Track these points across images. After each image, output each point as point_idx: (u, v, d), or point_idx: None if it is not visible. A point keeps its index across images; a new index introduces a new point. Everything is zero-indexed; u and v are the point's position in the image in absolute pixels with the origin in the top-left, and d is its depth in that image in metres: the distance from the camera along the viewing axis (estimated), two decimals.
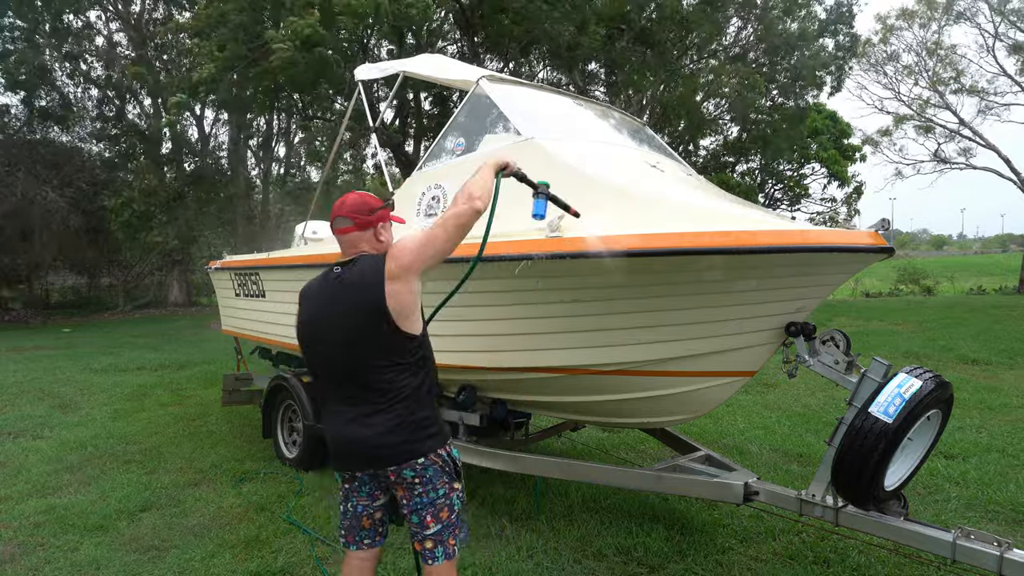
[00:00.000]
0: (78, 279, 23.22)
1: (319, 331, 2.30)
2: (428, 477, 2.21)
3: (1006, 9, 21.01)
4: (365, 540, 2.35)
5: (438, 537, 2.22)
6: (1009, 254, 50.73)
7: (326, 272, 2.35)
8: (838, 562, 3.42)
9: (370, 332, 2.17)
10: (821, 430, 5.72)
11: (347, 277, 2.24)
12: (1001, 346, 9.97)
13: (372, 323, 2.16)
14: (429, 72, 4.93)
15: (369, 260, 2.24)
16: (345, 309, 2.21)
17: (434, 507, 2.22)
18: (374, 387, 2.18)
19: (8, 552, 3.61)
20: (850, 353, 2.86)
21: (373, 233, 2.31)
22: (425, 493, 2.21)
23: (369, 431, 2.18)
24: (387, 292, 2.14)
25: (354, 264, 2.26)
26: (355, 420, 2.21)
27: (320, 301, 2.30)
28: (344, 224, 2.30)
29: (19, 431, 6.24)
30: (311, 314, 2.33)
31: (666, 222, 2.87)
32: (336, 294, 2.25)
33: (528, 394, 3.73)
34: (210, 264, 6.84)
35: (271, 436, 5.42)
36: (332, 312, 2.25)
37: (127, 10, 20.82)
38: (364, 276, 2.20)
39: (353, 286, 2.21)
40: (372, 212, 2.30)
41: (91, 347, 12.53)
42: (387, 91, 13.40)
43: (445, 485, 2.24)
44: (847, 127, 27.66)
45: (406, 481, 2.21)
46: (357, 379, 2.21)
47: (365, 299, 2.16)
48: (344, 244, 2.34)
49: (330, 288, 2.28)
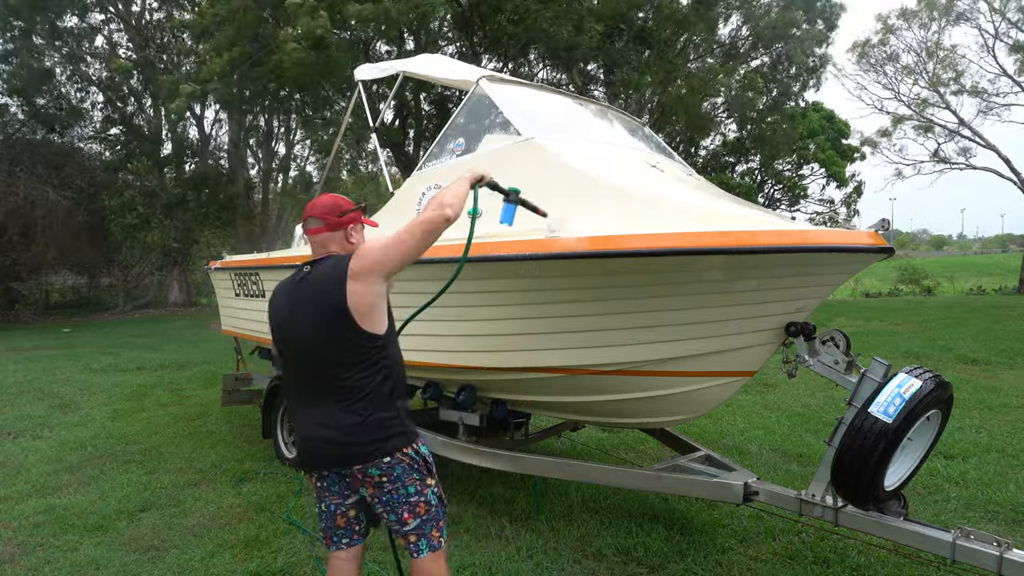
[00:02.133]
0: (78, 279, 23.20)
1: (284, 330, 2.34)
2: (396, 475, 2.22)
3: (1007, 8, 21.02)
4: (343, 539, 2.37)
5: (419, 531, 2.24)
6: (1009, 254, 50.74)
7: (295, 271, 2.37)
8: (838, 562, 3.42)
9: (332, 331, 2.18)
10: (821, 430, 5.72)
11: (312, 276, 2.27)
12: (1001, 346, 9.97)
13: (333, 322, 2.17)
14: (429, 72, 4.93)
15: (333, 260, 2.26)
16: (308, 307, 2.24)
17: (408, 504, 2.23)
18: (337, 386, 2.19)
19: (8, 552, 3.61)
20: (850, 353, 2.86)
21: (343, 234, 2.33)
22: (395, 491, 2.22)
23: (332, 431, 2.20)
24: (348, 290, 2.15)
25: (321, 263, 2.28)
26: (318, 419, 2.23)
27: (286, 300, 2.34)
28: (314, 224, 2.33)
29: (19, 431, 6.24)
30: (278, 313, 2.37)
31: (666, 222, 2.87)
32: (301, 293, 2.28)
33: (528, 394, 3.73)
34: (209, 264, 6.84)
35: (271, 436, 5.42)
36: (296, 311, 2.28)
37: (127, 10, 20.81)
38: (327, 275, 2.22)
39: (316, 284, 2.24)
40: (343, 214, 2.33)
41: (91, 347, 12.52)
42: (387, 91, 13.40)
43: (416, 482, 2.25)
44: (844, 125, 27.67)
45: (373, 480, 2.22)
46: (320, 377, 2.22)
47: (327, 297, 2.18)
48: (314, 244, 2.36)
49: (296, 287, 2.31)
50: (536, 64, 20.12)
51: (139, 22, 20.94)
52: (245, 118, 20.39)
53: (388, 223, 4.44)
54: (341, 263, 2.21)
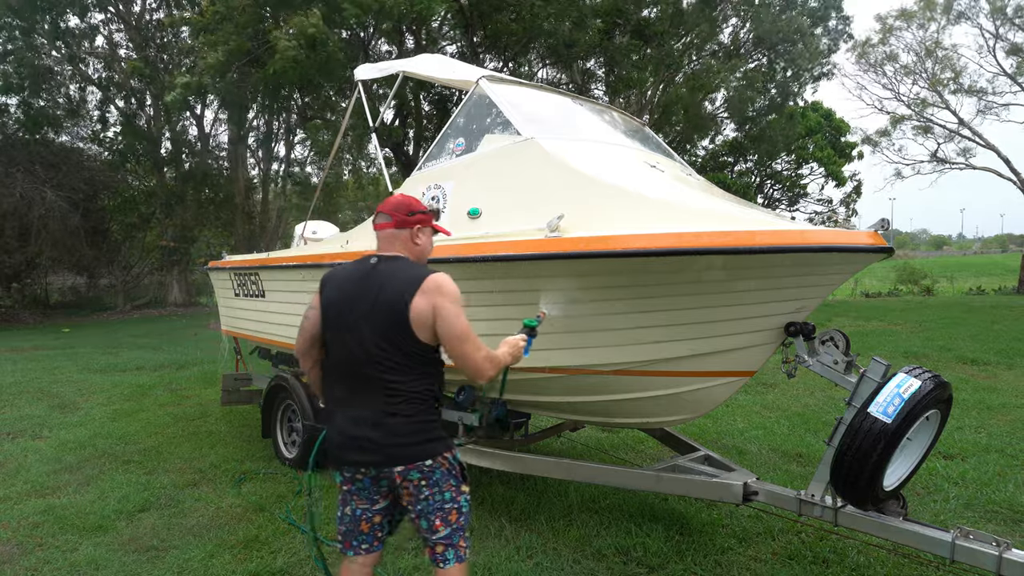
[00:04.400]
0: (78, 279, 23.18)
1: (338, 319, 2.28)
2: (435, 480, 2.21)
3: (1007, 11, 21.01)
4: (363, 545, 2.32)
5: (448, 540, 2.22)
6: (1008, 254, 50.80)
7: (360, 261, 2.34)
8: (837, 562, 3.43)
9: (390, 332, 2.17)
10: (820, 430, 5.73)
11: (384, 271, 2.25)
12: (1000, 346, 9.98)
13: (393, 326, 2.16)
14: (429, 72, 4.93)
15: (408, 264, 2.28)
16: (370, 303, 2.21)
17: (443, 510, 2.21)
18: (388, 386, 2.18)
19: (7, 552, 3.61)
20: (849, 353, 2.86)
21: (410, 234, 2.34)
22: (432, 496, 2.20)
23: (377, 431, 2.18)
24: (414, 303, 2.15)
25: (393, 261, 2.28)
26: (362, 417, 2.20)
27: (347, 289, 2.29)
28: (383, 220, 2.35)
29: (18, 431, 6.23)
30: (334, 301, 2.31)
31: (666, 222, 2.87)
32: (366, 285, 2.25)
33: (528, 394, 3.73)
34: (210, 264, 6.84)
35: (270, 436, 5.42)
36: (356, 303, 2.24)
37: (128, 10, 20.80)
38: (399, 278, 2.21)
39: (385, 283, 2.22)
40: (412, 214, 2.34)
41: (90, 347, 12.52)
42: (387, 91, 13.41)
43: (452, 488, 2.24)
44: (842, 123, 27.68)
45: (412, 483, 2.20)
46: (369, 374, 2.20)
47: (394, 301, 2.17)
48: (380, 239, 2.36)
49: (360, 279, 2.28)
50: (536, 63, 20.12)
51: (139, 22, 20.93)
52: (245, 116, 20.37)
53: None
54: (419, 273, 2.21)
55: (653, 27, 18.28)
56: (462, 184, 3.84)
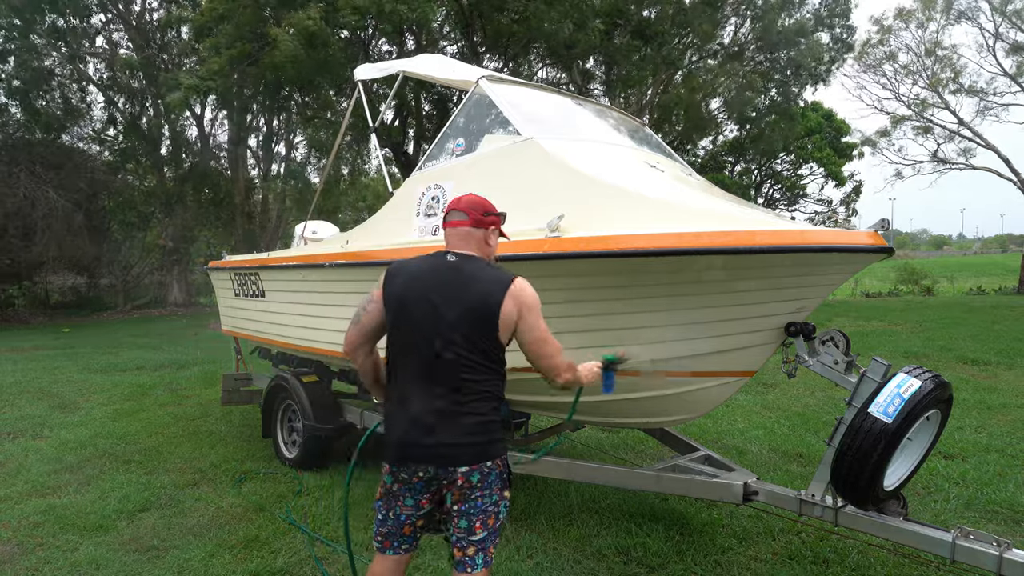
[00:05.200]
0: (78, 279, 23.17)
1: (410, 312, 2.23)
2: (489, 482, 2.20)
3: (1008, 11, 21.00)
4: (403, 546, 2.30)
5: (481, 544, 2.20)
6: (1008, 254, 50.79)
7: (433, 257, 2.30)
8: (837, 562, 3.43)
9: (477, 331, 2.16)
10: (820, 430, 5.73)
11: (467, 270, 2.24)
12: (1000, 346, 9.98)
13: (481, 322, 2.16)
14: (429, 72, 4.93)
15: (487, 265, 2.29)
16: (452, 299, 2.18)
17: (485, 513, 2.20)
18: (462, 384, 2.16)
19: (7, 552, 3.61)
20: (850, 353, 2.86)
21: (484, 235, 2.34)
22: (481, 498, 2.19)
23: (447, 428, 2.15)
24: (505, 303, 2.16)
25: (472, 261, 2.27)
26: (435, 411, 2.16)
27: (426, 285, 2.23)
28: (458, 217, 2.33)
29: (18, 431, 6.24)
30: (406, 293, 2.24)
31: (666, 222, 2.87)
32: (451, 283, 2.21)
33: (528, 394, 3.73)
34: (210, 264, 6.84)
35: (271, 436, 5.42)
36: (432, 297, 2.20)
37: (127, 9, 20.80)
38: (484, 278, 2.21)
39: (472, 283, 2.20)
40: (487, 214, 2.35)
41: (90, 347, 12.52)
42: (387, 91, 13.42)
43: (498, 492, 2.24)
44: (842, 123, 27.68)
45: (471, 484, 2.17)
46: (447, 371, 2.16)
47: (485, 299, 2.17)
48: (453, 237, 2.33)
49: (438, 273, 2.25)
50: (536, 63, 20.12)
51: (139, 21, 20.93)
52: (245, 116, 20.38)
53: (388, 222, 4.47)
54: (503, 276, 2.22)
55: (654, 27, 18.28)
56: (462, 184, 3.84)
